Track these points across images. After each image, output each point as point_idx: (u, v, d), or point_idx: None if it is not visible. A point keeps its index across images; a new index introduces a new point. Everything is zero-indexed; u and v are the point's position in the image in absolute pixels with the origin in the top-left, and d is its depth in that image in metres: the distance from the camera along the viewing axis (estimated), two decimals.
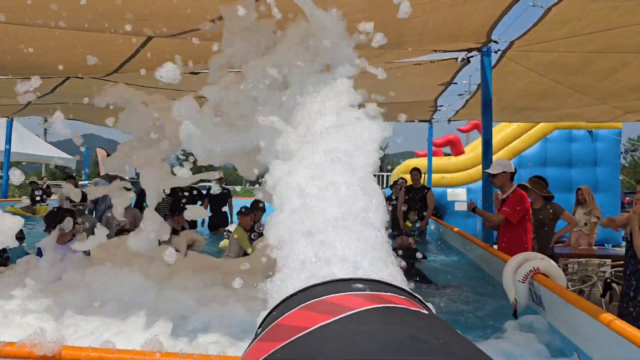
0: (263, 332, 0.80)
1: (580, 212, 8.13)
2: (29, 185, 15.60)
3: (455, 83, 7.84)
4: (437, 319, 0.78)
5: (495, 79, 6.56)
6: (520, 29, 5.33)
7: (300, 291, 0.90)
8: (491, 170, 5.65)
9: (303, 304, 0.82)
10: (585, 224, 8.06)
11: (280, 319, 0.81)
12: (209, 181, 9.15)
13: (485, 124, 6.61)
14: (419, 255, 7.00)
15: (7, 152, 13.84)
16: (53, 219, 5.08)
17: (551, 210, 6.05)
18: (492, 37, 5.57)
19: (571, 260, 6.93)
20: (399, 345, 0.65)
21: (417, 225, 9.53)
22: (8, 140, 13.66)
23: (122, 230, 6.95)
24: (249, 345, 0.78)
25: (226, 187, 11.23)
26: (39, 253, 4.98)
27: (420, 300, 0.89)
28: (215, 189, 6.58)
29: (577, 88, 7.42)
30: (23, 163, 23.64)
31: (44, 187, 15.49)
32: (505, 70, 6.57)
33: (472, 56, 6.22)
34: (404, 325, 0.73)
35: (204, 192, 10.19)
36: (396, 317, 0.76)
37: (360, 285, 0.90)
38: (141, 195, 8.17)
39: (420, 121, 12.28)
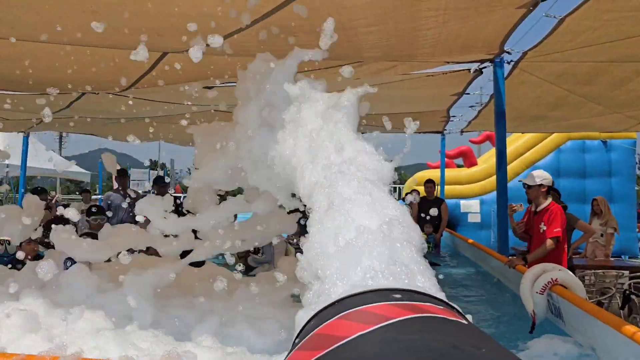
0: (301, 342, 0.79)
1: (596, 223, 8.04)
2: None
3: (468, 94, 7.83)
4: (475, 329, 0.77)
5: (508, 89, 6.54)
6: (533, 40, 5.32)
7: (337, 301, 0.90)
8: (528, 181, 5.44)
9: (341, 314, 0.82)
10: (602, 235, 7.97)
11: (318, 328, 0.81)
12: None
13: (499, 134, 6.58)
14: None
15: (24, 166, 14.04)
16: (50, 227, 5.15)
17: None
18: (505, 48, 5.56)
19: (588, 272, 6.84)
20: (440, 355, 0.64)
21: (433, 237, 9.51)
22: (24, 155, 13.85)
23: None
24: (287, 355, 0.78)
25: None
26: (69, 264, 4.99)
27: (458, 310, 0.88)
28: None
29: (590, 97, 7.39)
30: (38, 177, 23.91)
31: (52, 202, 15.41)
32: (518, 80, 6.56)
33: (484, 67, 6.21)
34: (444, 334, 0.73)
35: None
36: (436, 326, 0.76)
37: (397, 295, 0.90)
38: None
39: (432, 132, 12.25)
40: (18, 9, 3.79)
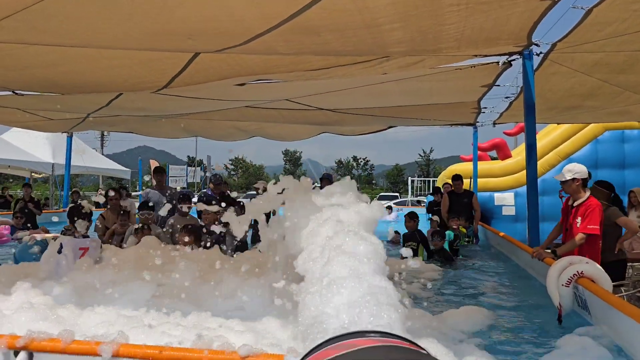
0: None
1: (633, 215, 7.84)
2: (71, 195, 15.94)
3: (498, 85, 7.76)
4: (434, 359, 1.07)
5: (539, 80, 6.46)
6: (562, 31, 5.26)
7: (328, 340, 1.22)
8: (560, 178, 5.49)
9: (328, 346, 1.16)
10: None
11: (310, 356, 1.16)
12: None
13: (529, 127, 6.52)
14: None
15: (68, 165, 14.69)
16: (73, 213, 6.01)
17: (606, 216, 5.65)
18: (533, 40, 5.51)
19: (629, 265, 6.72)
20: None
21: (472, 229, 9.57)
22: (68, 155, 14.50)
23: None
24: None
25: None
26: (60, 249, 5.26)
27: (422, 348, 1.17)
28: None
29: (626, 86, 7.21)
30: (86, 175, 24.82)
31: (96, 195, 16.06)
32: (549, 71, 6.47)
33: (513, 59, 6.16)
34: (406, 354, 1.03)
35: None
36: (398, 351, 1.06)
37: (373, 335, 1.21)
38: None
39: (464, 125, 12.13)
40: (58, 18, 4.02)
